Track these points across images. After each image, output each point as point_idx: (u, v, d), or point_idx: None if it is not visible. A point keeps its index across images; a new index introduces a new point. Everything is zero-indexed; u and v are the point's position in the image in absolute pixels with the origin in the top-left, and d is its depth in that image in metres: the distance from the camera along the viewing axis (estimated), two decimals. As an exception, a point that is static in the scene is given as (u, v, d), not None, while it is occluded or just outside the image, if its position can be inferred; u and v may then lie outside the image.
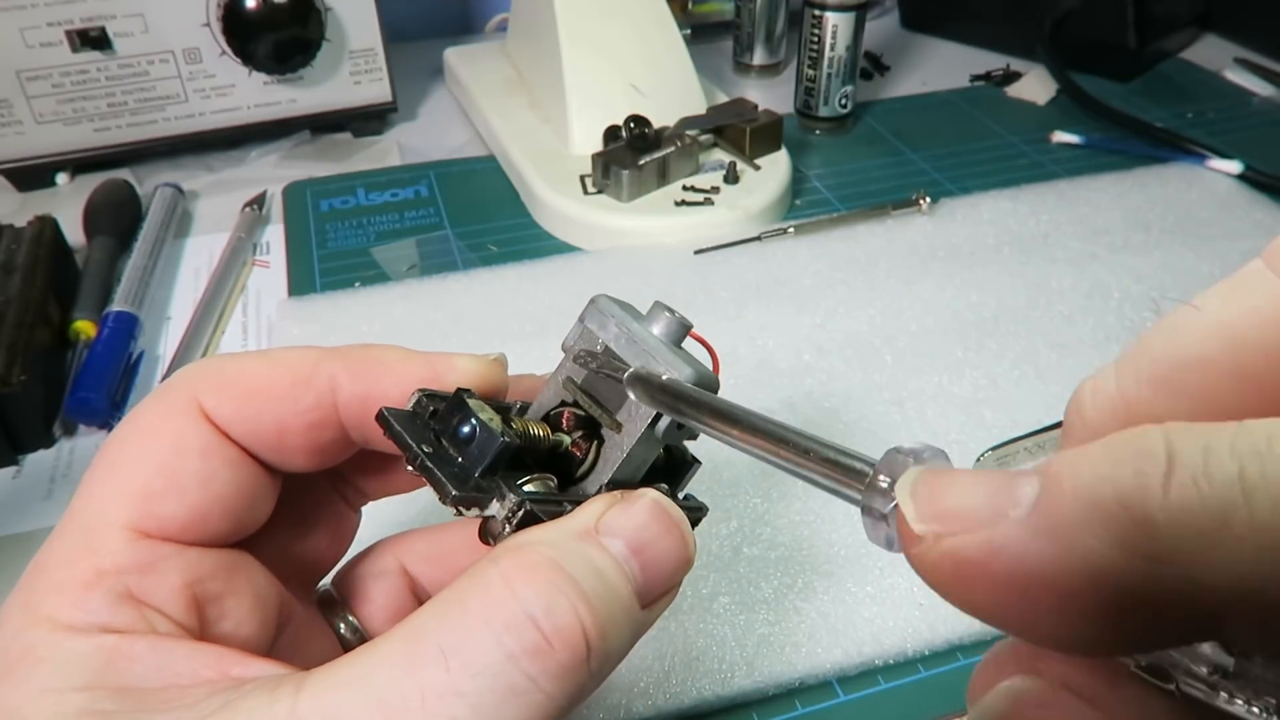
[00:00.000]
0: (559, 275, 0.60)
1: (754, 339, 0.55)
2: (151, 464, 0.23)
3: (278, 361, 0.25)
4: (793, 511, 0.45)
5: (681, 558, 0.23)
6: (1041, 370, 0.53)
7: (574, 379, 0.26)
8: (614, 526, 0.22)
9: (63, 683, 0.20)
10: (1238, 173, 0.70)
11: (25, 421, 0.49)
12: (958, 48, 0.95)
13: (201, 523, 0.23)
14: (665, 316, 0.25)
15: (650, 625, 0.23)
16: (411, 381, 0.25)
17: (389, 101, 0.77)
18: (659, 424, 0.24)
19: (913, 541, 0.15)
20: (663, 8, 0.72)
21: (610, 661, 0.21)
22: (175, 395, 0.24)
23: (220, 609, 0.23)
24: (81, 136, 0.69)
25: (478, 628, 0.19)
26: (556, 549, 0.21)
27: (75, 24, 0.65)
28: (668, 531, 0.23)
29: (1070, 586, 0.13)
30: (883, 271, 0.61)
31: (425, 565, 0.30)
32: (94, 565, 0.22)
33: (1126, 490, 0.13)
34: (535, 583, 0.20)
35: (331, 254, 0.64)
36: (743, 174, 0.67)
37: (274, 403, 0.24)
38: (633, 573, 0.22)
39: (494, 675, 0.19)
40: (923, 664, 0.40)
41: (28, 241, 0.55)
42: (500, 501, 0.23)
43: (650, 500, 0.23)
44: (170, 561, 0.23)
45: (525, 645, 0.19)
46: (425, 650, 0.19)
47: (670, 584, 0.23)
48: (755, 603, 0.41)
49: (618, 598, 0.21)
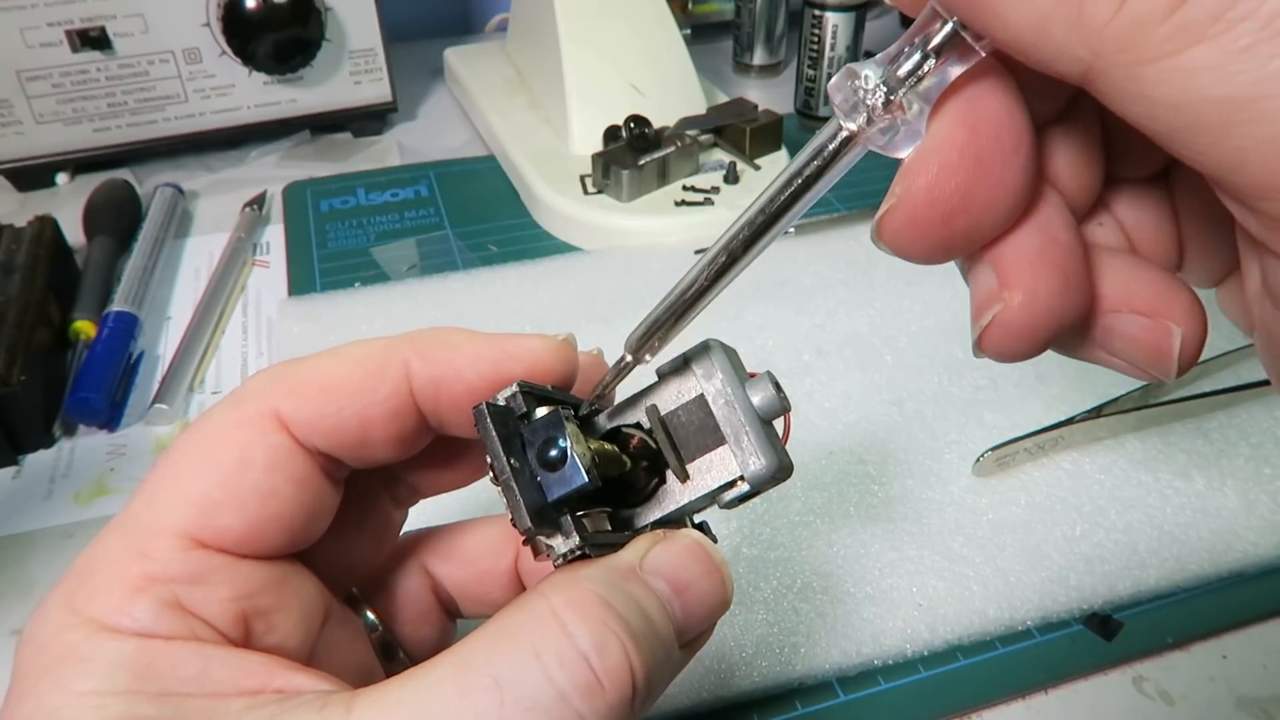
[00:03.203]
0: (559, 275, 0.60)
1: (754, 339, 0.55)
2: (214, 474, 0.23)
3: (348, 356, 0.24)
4: (792, 512, 0.45)
5: (721, 599, 0.23)
6: (1041, 371, 0.53)
7: (659, 408, 0.26)
8: (657, 565, 0.22)
9: (104, 685, 0.20)
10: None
11: (25, 421, 0.49)
12: (958, 48, 0.95)
13: (258, 537, 0.23)
14: (769, 392, 0.25)
15: (685, 665, 0.23)
16: (483, 362, 0.24)
17: (389, 101, 0.77)
18: (728, 493, 0.24)
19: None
20: (663, 8, 0.72)
21: (650, 701, 0.21)
22: (248, 405, 0.23)
23: (268, 623, 0.23)
24: (81, 136, 0.69)
25: (530, 662, 0.19)
26: (604, 585, 0.21)
27: (75, 24, 0.65)
28: (708, 574, 0.23)
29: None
30: (883, 272, 0.61)
31: (446, 565, 0.30)
32: (144, 570, 0.21)
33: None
34: (589, 620, 0.20)
35: (331, 254, 0.64)
36: (743, 174, 0.67)
37: (354, 396, 0.24)
38: (675, 613, 0.22)
39: (545, 711, 0.19)
40: (922, 664, 0.40)
41: (28, 241, 0.55)
42: (565, 539, 0.22)
43: (693, 541, 0.23)
44: (222, 574, 0.22)
45: (578, 683, 0.19)
46: (478, 681, 0.19)
47: (707, 624, 0.23)
48: (754, 603, 0.41)
49: (660, 638, 0.21)
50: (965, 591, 0.41)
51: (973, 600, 0.41)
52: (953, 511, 0.45)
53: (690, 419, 0.25)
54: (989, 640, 0.40)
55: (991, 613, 0.41)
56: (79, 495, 0.47)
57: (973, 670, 0.40)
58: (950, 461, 0.47)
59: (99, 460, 0.49)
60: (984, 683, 0.39)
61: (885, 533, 0.44)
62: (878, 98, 0.18)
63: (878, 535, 0.44)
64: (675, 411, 0.25)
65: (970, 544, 0.43)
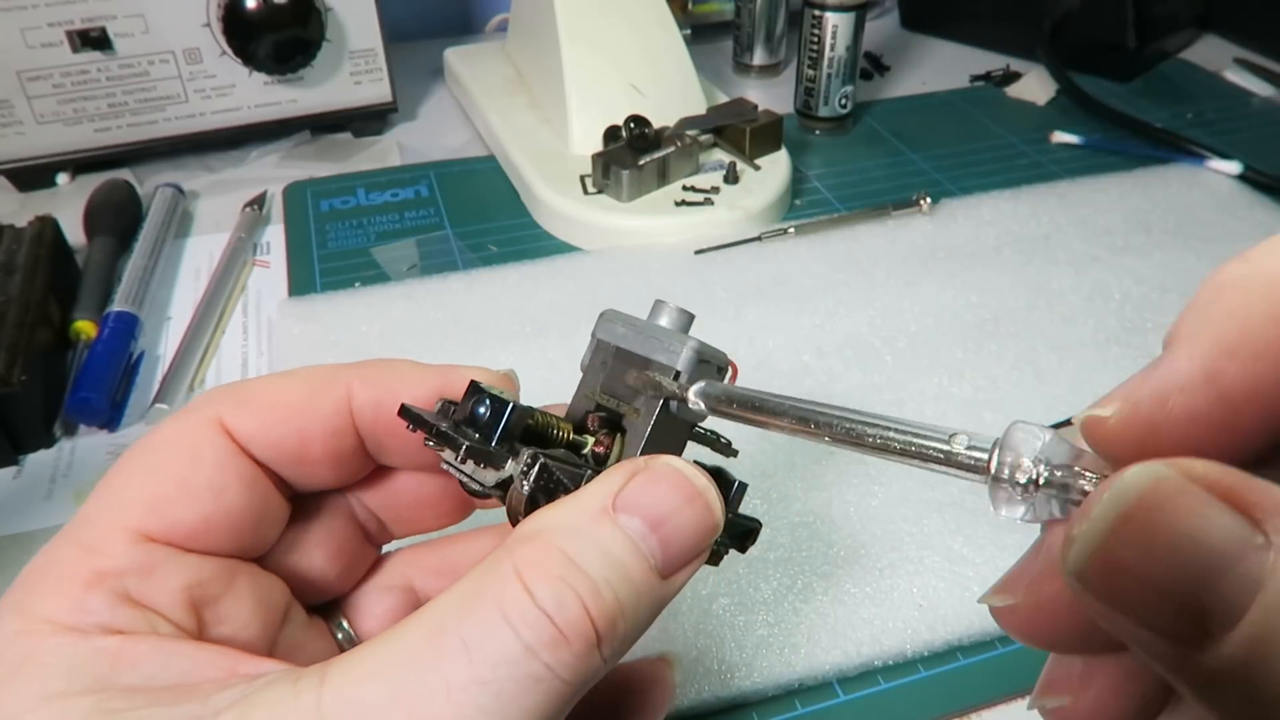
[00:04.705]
0: (559, 275, 0.60)
1: (754, 339, 0.55)
2: (164, 472, 0.23)
3: (295, 376, 0.26)
4: (792, 513, 0.45)
5: (706, 525, 0.22)
6: (1041, 372, 0.53)
7: (589, 384, 0.26)
8: (630, 502, 0.22)
9: (68, 687, 0.20)
10: (1238, 173, 0.70)
11: (25, 421, 0.49)
12: (958, 48, 0.95)
13: (207, 531, 0.23)
14: (668, 309, 0.26)
15: (678, 590, 0.23)
16: (424, 388, 0.26)
17: (389, 101, 0.77)
18: (687, 404, 0.24)
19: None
20: (663, 8, 0.72)
21: (629, 638, 0.21)
22: (195, 413, 0.24)
23: (218, 613, 0.23)
24: (82, 136, 0.69)
25: (497, 622, 0.19)
26: (568, 536, 0.21)
27: (75, 24, 0.65)
28: (689, 501, 0.22)
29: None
30: (883, 272, 0.61)
31: (435, 579, 0.30)
32: (95, 566, 0.22)
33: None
34: (548, 578, 0.20)
35: (332, 254, 0.64)
36: (743, 174, 0.67)
37: (296, 411, 0.25)
38: (651, 550, 0.22)
39: (515, 665, 0.19)
40: (922, 664, 0.40)
41: (28, 242, 0.55)
42: (515, 459, 0.23)
43: (668, 468, 0.22)
44: (170, 565, 0.23)
45: (542, 639, 0.19)
46: (448, 643, 0.19)
47: (696, 551, 0.22)
48: (754, 604, 0.41)
49: (630, 580, 0.21)
50: (965, 591, 0.41)
51: (973, 600, 0.41)
52: (953, 511, 0.45)
53: (620, 370, 0.25)
54: (989, 640, 0.40)
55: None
56: (79, 495, 0.47)
57: (973, 670, 0.40)
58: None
59: (99, 460, 0.49)
60: (984, 683, 0.39)
61: (885, 533, 0.44)
62: (1036, 477, 0.19)
63: (878, 535, 0.44)
64: (606, 379, 0.26)
65: (970, 544, 0.43)
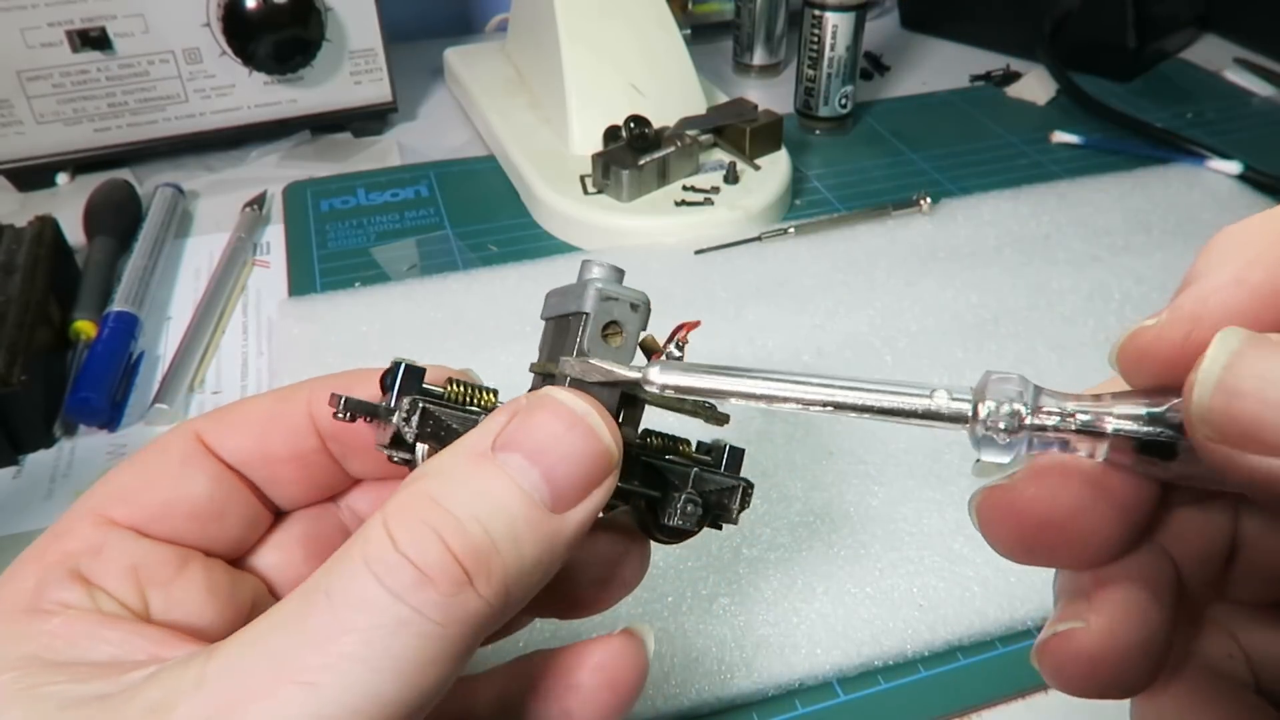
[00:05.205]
0: (559, 275, 0.60)
1: (754, 339, 0.55)
2: (136, 467, 0.26)
3: (266, 394, 0.28)
4: (792, 513, 0.45)
5: (594, 451, 0.22)
6: (1041, 371, 0.53)
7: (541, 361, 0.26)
8: (509, 439, 0.22)
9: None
10: (1238, 173, 0.70)
11: (25, 421, 0.49)
12: (958, 48, 0.95)
13: (165, 517, 0.25)
14: (595, 265, 0.26)
15: (580, 524, 0.22)
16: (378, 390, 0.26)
17: (389, 101, 0.77)
18: (618, 328, 0.25)
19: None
20: (663, 8, 0.72)
21: (521, 576, 0.21)
22: (174, 430, 0.27)
23: (168, 597, 0.24)
24: (82, 136, 0.69)
25: (359, 571, 0.20)
26: (439, 480, 0.21)
27: (75, 24, 0.65)
28: (570, 428, 0.22)
29: None
30: (883, 272, 0.61)
31: None
32: (60, 548, 0.23)
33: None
34: (410, 524, 0.20)
35: (331, 254, 0.64)
36: (743, 174, 0.67)
37: (259, 419, 0.27)
38: (533, 484, 0.21)
39: (380, 610, 0.19)
40: (922, 664, 0.40)
41: (28, 241, 0.55)
42: (399, 412, 0.23)
43: (544, 397, 0.22)
44: (121, 545, 0.24)
45: (404, 583, 0.19)
46: (315, 599, 0.20)
47: (590, 480, 0.22)
48: (754, 604, 0.41)
49: (507, 515, 0.21)
50: (965, 591, 0.41)
51: (973, 600, 0.41)
52: (953, 511, 0.45)
53: (559, 340, 0.25)
54: (989, 640, 0.40)
55: (991, 613, 0.41)
56: (79, 495, 0.47)
57: (973, 670, 0.40)
58: (950, 461, 0.47)
59: (99, 460, 0.49)
60: (984, 683, 0.39)
61: (885, 533, 0.44)
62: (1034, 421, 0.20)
63: (878, 535, 0.44)
64: (550, 351, 0.26)
65: (970, 544, 0.43)
